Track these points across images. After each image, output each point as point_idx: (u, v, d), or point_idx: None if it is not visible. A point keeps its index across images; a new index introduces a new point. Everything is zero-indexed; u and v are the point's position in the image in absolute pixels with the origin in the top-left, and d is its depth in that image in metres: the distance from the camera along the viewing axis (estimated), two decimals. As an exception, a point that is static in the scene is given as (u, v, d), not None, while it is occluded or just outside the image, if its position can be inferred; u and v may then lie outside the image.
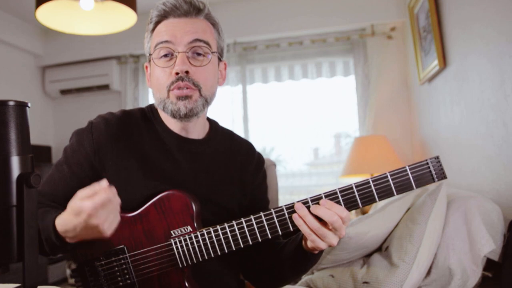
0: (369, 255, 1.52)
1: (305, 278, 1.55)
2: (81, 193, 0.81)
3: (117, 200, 0.84)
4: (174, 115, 0.99)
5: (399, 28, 3.12)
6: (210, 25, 1.03)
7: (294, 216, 0.86)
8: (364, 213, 2.68)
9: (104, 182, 0.82)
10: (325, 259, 1.47)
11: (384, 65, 3.15)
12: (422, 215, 1.36)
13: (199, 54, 0.99)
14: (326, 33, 3.24)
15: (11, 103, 0.58)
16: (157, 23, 1.01)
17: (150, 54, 1.02)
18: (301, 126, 3.37)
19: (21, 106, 0.59)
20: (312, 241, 0.85)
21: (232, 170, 1.09)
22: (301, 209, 0.85)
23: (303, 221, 0.85)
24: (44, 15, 1.98)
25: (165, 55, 0.98)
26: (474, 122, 1.83)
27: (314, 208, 0.84)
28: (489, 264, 1.35)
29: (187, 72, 0.96)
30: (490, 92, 1.65)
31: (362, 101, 3.15)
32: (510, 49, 1.48)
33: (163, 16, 1.00)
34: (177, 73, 0.96)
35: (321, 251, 0.93)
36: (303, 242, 0.92)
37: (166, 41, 0.97)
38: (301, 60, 3.34)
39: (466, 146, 1.94)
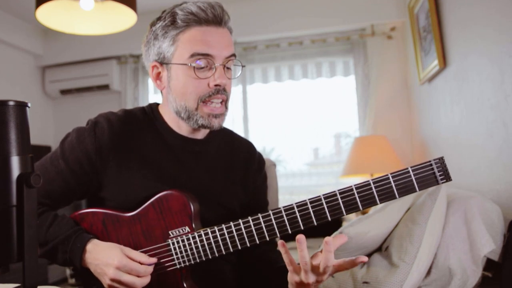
0: (369, 255, 1.52)
1: (305, 278, 1.54)
2: (138, 257, 0.89)
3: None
4: (201, 127, 0.99)
5: (399, 28, 3.12)
6: (230, 34, 1.02)
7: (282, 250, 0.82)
8: (364, 213, 2.68)
9: (153, 260, 0.90)
10: (325, 259, 1.47)
11: (384, 65, 3.15)
12: (422, 215, 1.36)
13: (228, 67, 1.00)
14: (326, 33, 3.24)
15: (11, 103, 0.58)
16: (186, 27, 0.95)
17: (180, 64, 0.96)
18: (301, 126, 3.36)
19: (21, 106, 0.59)
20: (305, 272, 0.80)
21: (234, 169, 1.09)
22: (303, 243, 0.79)
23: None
24: (44, 15, 1.98)
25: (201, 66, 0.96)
26: (474, 122, 1.83)
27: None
28: (489, 264, 1.35)
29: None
30: (490, 92, 1.65)
31: (362, 101, 3.14)
32: (510, 49, 1.48)
33: (196, 21, 0.95)
34: (216, 85, 0.96)
35: None
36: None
37: (207, 54, 0.95)
38: (301, 60, 3.33)
39: (466, 146, 1.94)
